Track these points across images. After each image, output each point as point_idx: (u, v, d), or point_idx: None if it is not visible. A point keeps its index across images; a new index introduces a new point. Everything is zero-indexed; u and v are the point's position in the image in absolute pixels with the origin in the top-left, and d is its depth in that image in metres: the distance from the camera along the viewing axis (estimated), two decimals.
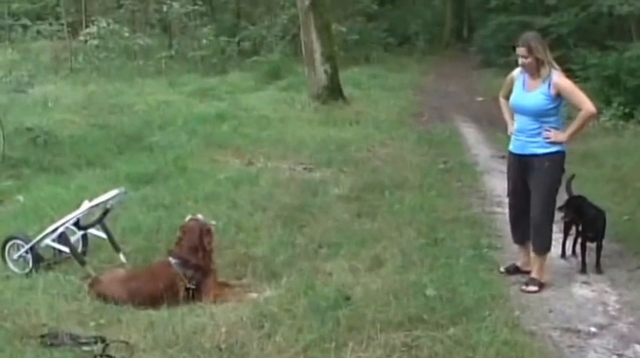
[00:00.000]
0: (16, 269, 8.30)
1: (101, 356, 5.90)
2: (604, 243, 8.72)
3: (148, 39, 33.37)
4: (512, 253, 8.64)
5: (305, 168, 13.49)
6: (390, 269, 7.76)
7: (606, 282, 7.72)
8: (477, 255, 8.32)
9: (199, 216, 7.90)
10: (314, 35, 22.15)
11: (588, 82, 20.30)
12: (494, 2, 31.92)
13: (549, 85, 7.63)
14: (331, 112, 20.33)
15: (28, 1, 40.11)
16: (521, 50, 7.70)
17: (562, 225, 8.72)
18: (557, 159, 7.76)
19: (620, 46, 20.20)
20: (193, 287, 7.39)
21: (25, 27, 34.90)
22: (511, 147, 8.12)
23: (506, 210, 10.30)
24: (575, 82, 20.25)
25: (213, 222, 8.41)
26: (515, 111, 8.10)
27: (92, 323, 6.70)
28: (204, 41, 32.98)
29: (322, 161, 13.93)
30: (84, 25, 33.94)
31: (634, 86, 18.15)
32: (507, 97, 8.28)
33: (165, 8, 33.27)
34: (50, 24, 35.45)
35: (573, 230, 8.52)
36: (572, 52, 23.84)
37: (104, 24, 30.69)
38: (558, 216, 8.21)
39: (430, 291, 7.05)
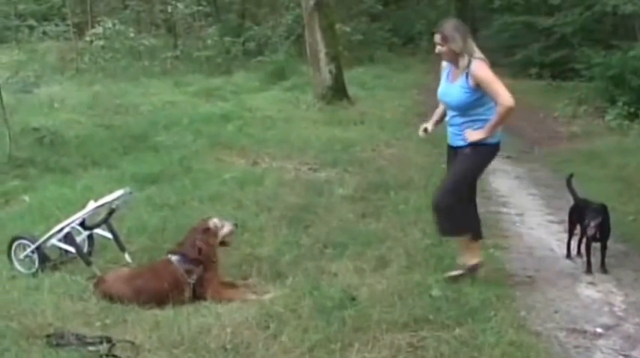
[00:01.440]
0: (22, 269, 8.32)
1: (107, 356, 5.91)
2: (609, 243, 8.74)
3: (153, 39, 33.43)
4: (519, 253, 8.66)
5: (310, 169, 13.50)
6: (395, 270, 7.76)
7: (612, 282, 7.69)
8: (483, 255, 8.29)
9: (214, 218, 7.92)
10: (318, 35, 22.14)
11: (593, 81, 20.33)
12: (498, 2, 31.89)
13: (467, 75, 7.36)
14: (336, 112, 20.32)
15: (34, 2, 40.14)
16: (436, 37, 7.48)
17: (566, 225, 8.72)
18: (481, 150, 7.49)
19: (625, 46, 20.22)
20: (194, 281, 7.41)
21: (31, 28, 34.89)
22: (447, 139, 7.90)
23: (512, 210, 10.34)
24: (580, 82, 20.25)
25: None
26: (441, 102, 7.97)
27: (98, 323, 6.70)
28: (209, 41, 33.03)
29: (327, 161, 13.92)
30: (90, 25, 34.00)
31: (638, 85, 18.14)
32: None
33: (170, 9, 33.35)
34: (56, 25, 35.47)
35: (578, 229, 8.48)
36: (577, 51, 23.88)
37: (110, 25, 30.76)
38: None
39: (436, 292, 7.04)
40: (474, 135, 7.41)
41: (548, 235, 9.34)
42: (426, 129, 8.09)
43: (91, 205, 8.45)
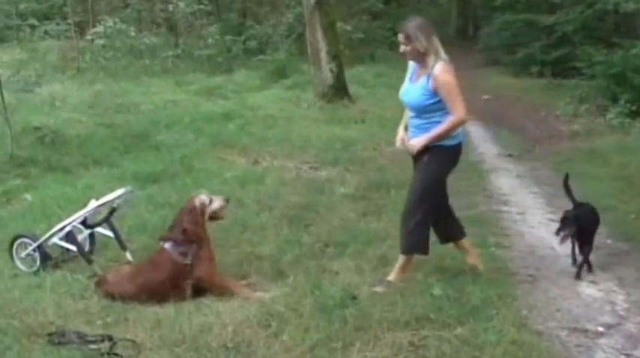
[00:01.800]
0: (23, 268, 8.34)
1: (108, 354, 5.92)
2: (610, 242, 8.77)
3: (154, 38, 33.39)
4: (520, 251, 8.65)
5: (311, 167, 13.50)
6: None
7: (614, 281, 7.68)
8: (484, 254, 8.28)
9: (202, 195, 7.90)
10: (319, 34, 22.12)
11: (594, 79, 20.31)
12: (500, 0, 31.82)
13: (428, 77, 7.19)
14: (337, 111, 20.31)
15: (35, 1, 40.11)
16: (399, 37, 7.30)
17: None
18: (439, 155, 7.38)
19: (626, 44, 20.18)
20: (189, 262, 7.42)
21: (32, 27, 34.90)
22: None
23: (513, 209, 10.33)
24: (581, 80, 20.20)
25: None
26: (402, 102, 7.72)
27: (99, 322, 6.72)
28: (210, 40, 33.00)
29: (328, 160, 13.93)
30: (91, 24, 33.98)
31: None
32: None
33: (171, 7, 33.31)
34: (57, 24, 35.44)
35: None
36: (578, 49, 23.87)
37: (111, 23, 30.74)
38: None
39: (437, 291, 7.03)
40: (415, 145, 7.37)
41: (550, 234, 9.28)
42: (402, 140, 7.76)
43: (93, 204, 8.47)
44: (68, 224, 8.33)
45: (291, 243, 8.82)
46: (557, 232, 7.96)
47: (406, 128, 7.72)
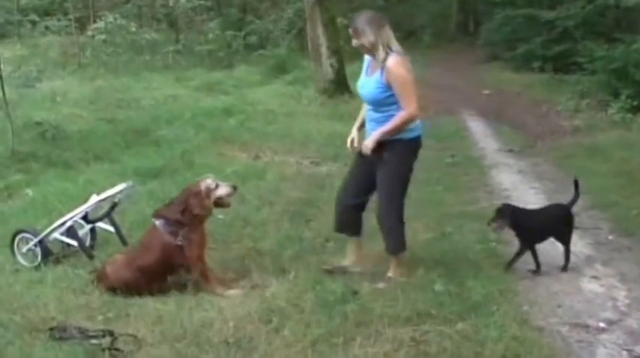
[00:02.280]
0: (25, 263, 8.33)
1: (109, 349, 5.90)
2: (612, 237, 8.76)
3: (154, 34, 33.49)
4: None
5: (312, 163, 13.50)
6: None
7: (615, 277, 7.65)
8: (485, 250, 8.29)
9: (208, 179, 7.88)
10: (320, 29, 22.14)
11: (595, 74, 20.30)
12: None
13: (382, 70, 7.09)
14: (337, 106, 20.32)
15: None
16: (350, 31, 7.28)
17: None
18: (398, 149, 7.29)
19: (628, 39, 20.16)
20: (180, 243, 7.41)
21: (33, 23, 34.98)
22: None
23: (515, 204, 10.30)
24: (582, 75, 20.15)
25: (220, 216, 8.36)
26: (360, 95, 7.66)
27: (100, 317, 6.71)
28: (211, 35, 33.06)
29: (329, 155, 13.92)
30: (91, 20, 34.12)
31: None
32: None
33: (171, 3, 33.41)
34: (58, 19, 35.57)
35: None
36: (579, 44, 23.87)
37: (111, 19, 30.82)
38: None
39: (438, 286, 7.03)
40: (368, 145, 7.30)
41: None
42: (353, 141, 7.80)
43: (94, 199, 8.47)
44: (69, 219, 8.34)
45: (292, 238, 8.81)
46: (489, 223, 7.97)
47: (361, 127, 7.75)
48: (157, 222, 7.55)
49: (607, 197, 10.43)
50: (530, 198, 10.88)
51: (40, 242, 8.26)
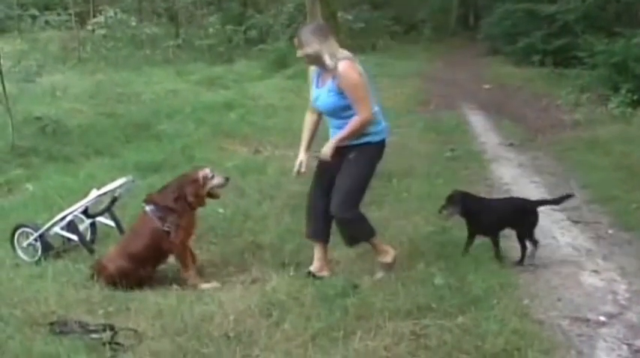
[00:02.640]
0: (25, 258, 8.34)
1: (110, 343, 5.90)
2: (612, 231, 8.76)
3: (155, 28, 33.49)
4: None
5: (312, 156, 13.46)
6: (397, 258, 7.76)
7: (616, 271, 7.66)
8: (485, 244, 8.27)
9: (206, 168, 7.90)
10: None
11: (596, 69, 20.30)
12: None
13: (334, 77, 7.07)
14: None
15: None
16: (294, 42, 7.25)
17: (569, 213, 8.70)
18: (365, 151, 7.26)
19: (628, 33, 20.14)
20: (167, 229, 7.47)
21: (33, 17, 34.95)
22: None
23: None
24: (583, 69, 20.13)
25: (221, 210, 8.37)
26: (316, 108, 7.63)
27: (101, 311, 6.71)
28: (211, 30, 33.08)
29: None
30: (91, 14, 34.11)
31: None
32: None
33: None
34: (58, 14, 35.51)
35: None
36: (580, 39, 23.86)
37: (111, 13, 30.86)
38: None
39: (438, 280, 7.04)
40: (327, 152, 7.27)
41: (551, 223, 9.31)
42: (301, 164, 7.73)
43: (94, 193, 8.47)
44: (69, 213, 8.35)
45: (292, 232, 8.80)
46: (440, 210, 8.04)
47: (308, 147, 7.79)
48: (147, 208, 7.59)
49: (607, 191, 10.44)
50: (531, 191, 10.88)
51: (41, 236, 8.27)
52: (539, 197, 10.26)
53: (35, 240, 8.29)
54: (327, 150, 7.23)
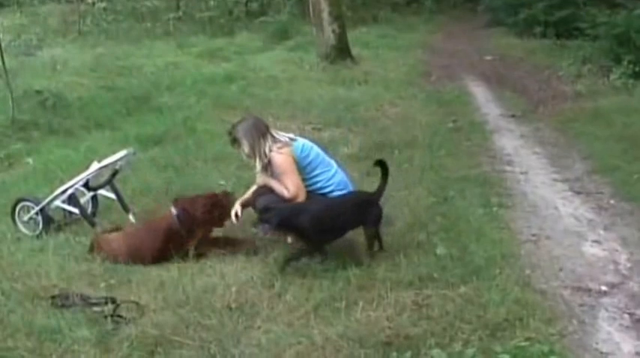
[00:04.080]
0: (26, 231, 8.34)
1: (112, 316, 5.92)
2: (614, 202, 8.74)
3: (155, 1, 33.36)
4: (523, 211, 8.63)
5: (314, 128, 13.46)
6: (399, 228, 7.76)
7: (617, 241, 7.66)
8: (487, 214, 8.29)
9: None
10: None
11: (597, 40, 20.23)
12: None
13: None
14: (339, 72, 20.26)
15: None
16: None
17: (572, 184, 8.67)
18: None
19: (630, 4, 20.03)
20: (183, 233, 7.41)
21: None
22: None
23: (517, 169, 10.30)
24: (584, 41, 20.07)
25: (222, 182, 8.36)
26: None
27: (103, 284, 6.73)
28: (212, 2, 32.98)
29: (331, 121, 13.91)
30: None
31: None
32: None
33: None
34: None
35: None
36: (582, 10, 23.78)
37: None
38: None
39: (440, 250, 7.05)
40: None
41: (553, 194, 9.32)
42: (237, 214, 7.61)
43: (95, 166, 8.44)
44: (70, 187, 8.33)
45: None
46: (254, 226, 7.32)
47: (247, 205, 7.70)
48: (174, 210, 7.52)
49: (609, 161, 10.41)
50: (533, 162, 10.88)
51: (42, 210, 8.27)
52: (541, 168, 10.30)
53: (36, 213, 8.29)
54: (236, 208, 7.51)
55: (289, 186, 7.16)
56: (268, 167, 7.36)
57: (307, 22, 26.62)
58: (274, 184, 7.27)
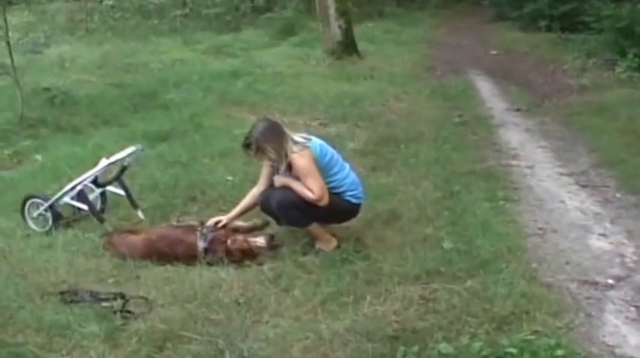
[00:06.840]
0: (35, 228, 8.37)
1: (121, 311, 5.95)
2: (620, 195, 8.76)
3: None
4: (529, 205, 8.64)
5: (320, 124, 13.48)
6: (406, 223, 7.79)
7: (623, 234, 7.67)
8: (494, 208, 8.30)
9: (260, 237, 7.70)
10: None
11: (602, 33, 20.21)
12: None
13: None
14: (345, 67, 20.28)
15: None
16: (251, 150, 7.31)
17: (577, 178, 8.67)
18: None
19: None
20: (201, 247, 7.30)
21: None
22: None
23: (522, 163, 10.32)
24: (589, 34, 20.03)
25: (229, 178, 8.38)
26: None
27: (111, 280, 6.76)
28: None
29: (337, 116, 13.92)
30: None
31: None
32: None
33: None
34: None
35: None
36: (586, 3, 23.69)
37: None
38: None
39: (447, 244, 7.08)
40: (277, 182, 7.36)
41: (559, 187, 9.33)
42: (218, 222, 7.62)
43: (103, 163, 8.46)
44: (79, 183, 8.34)
45: None
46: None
47: (236, 216, 7.72)
48: (200, 244, 7.34)
49: (614, 155, 10.42)
50: (538, 156, 10.89)
51: (51, 207, 8.29)
52: (547, 161, 10.32)
53: (45, 210, 8.32)
54: (278, 182, 7.32)
55: (314, 189, 6.99)
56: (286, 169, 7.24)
57: (313, 17, 26.56)
58: (296, 186, 7.08)
